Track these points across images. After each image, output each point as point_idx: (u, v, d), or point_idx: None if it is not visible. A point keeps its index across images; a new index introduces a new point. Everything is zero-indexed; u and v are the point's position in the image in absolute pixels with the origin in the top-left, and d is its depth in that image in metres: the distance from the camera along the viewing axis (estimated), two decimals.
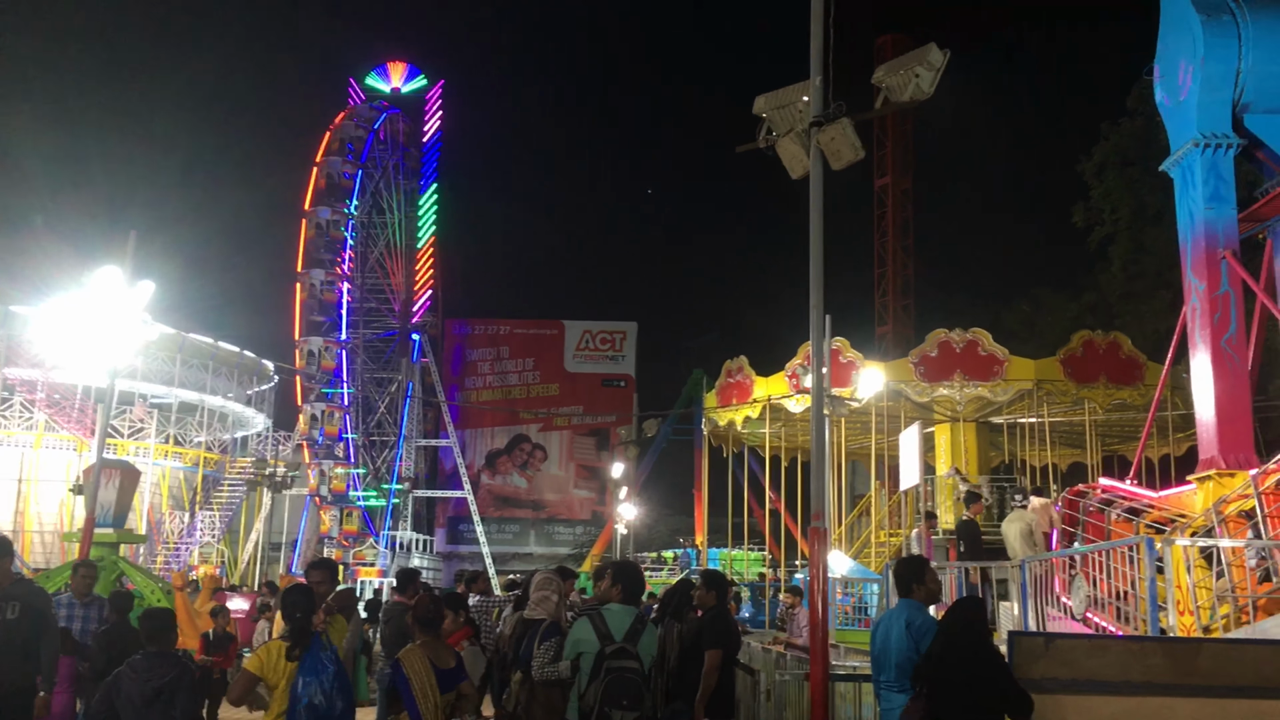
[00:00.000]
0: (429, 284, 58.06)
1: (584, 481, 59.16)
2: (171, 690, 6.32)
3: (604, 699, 6.19)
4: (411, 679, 6.21)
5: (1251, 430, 12.69)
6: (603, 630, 6.41)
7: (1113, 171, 33.21)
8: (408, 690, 6.19)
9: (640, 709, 6.23)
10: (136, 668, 6.39)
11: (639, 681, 6.26)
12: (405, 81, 60.26)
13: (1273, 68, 12.79)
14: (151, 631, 6.63)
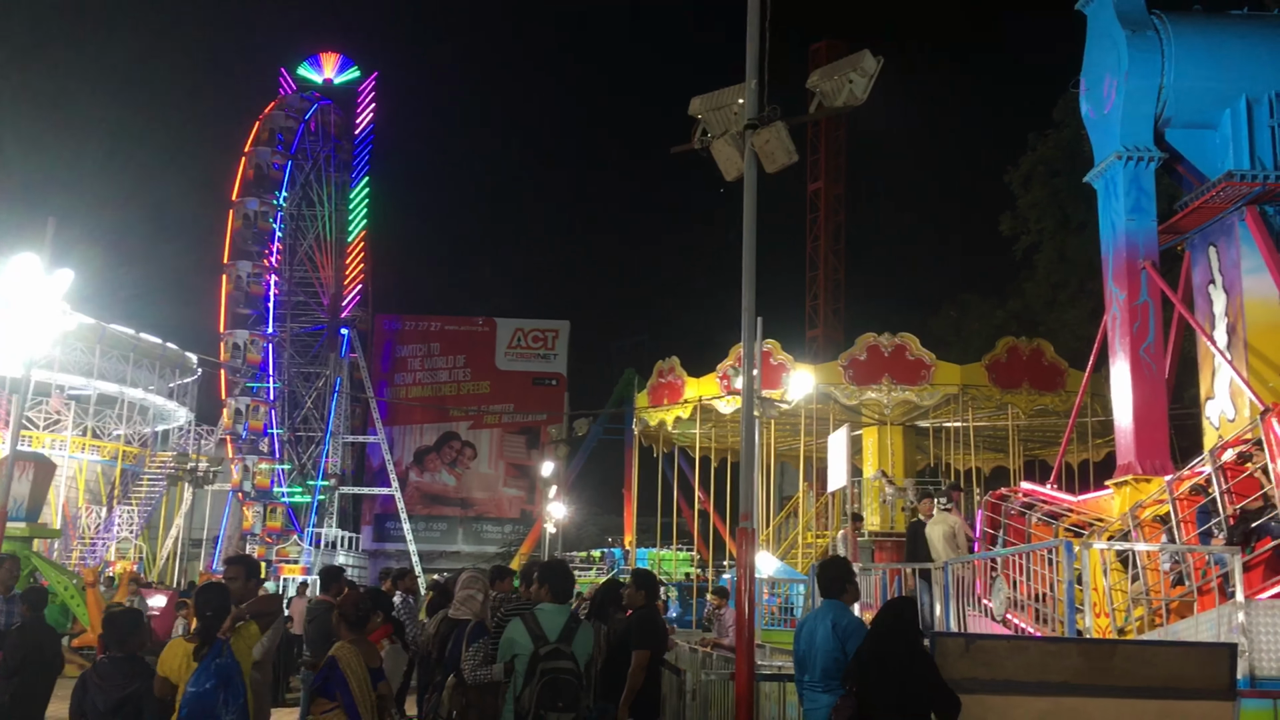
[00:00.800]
0: (359, 278, 57.38)
1: (513, 480, 58.88)
2: (138, 699, 6.12)
3: (539, 701, 6.15)
4: (349, 677, 6.09)
5: (1167, 437, 13.02)
6: (536, 631, 6.37)
7: (1039, 182, 33.89)
8: (346, 688, 6.08)
9: (576, 710, 6.20)
10: (102, 673, 6.19)
11: (574, 682, 6.23)
12: (338, 73, 59.47)
13: (1193, 84, 13.14)
14: (117, 636, 6.40)
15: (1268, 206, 12.82)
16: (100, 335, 40.09)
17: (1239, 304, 12.77)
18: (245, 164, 53.17)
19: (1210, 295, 13.42)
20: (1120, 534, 11.41)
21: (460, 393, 58.76)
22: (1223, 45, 13.30)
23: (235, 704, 5.91)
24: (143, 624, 6.61)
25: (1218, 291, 13.28)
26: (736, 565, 8.67)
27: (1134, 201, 13.18)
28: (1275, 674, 8.26)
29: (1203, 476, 10.16)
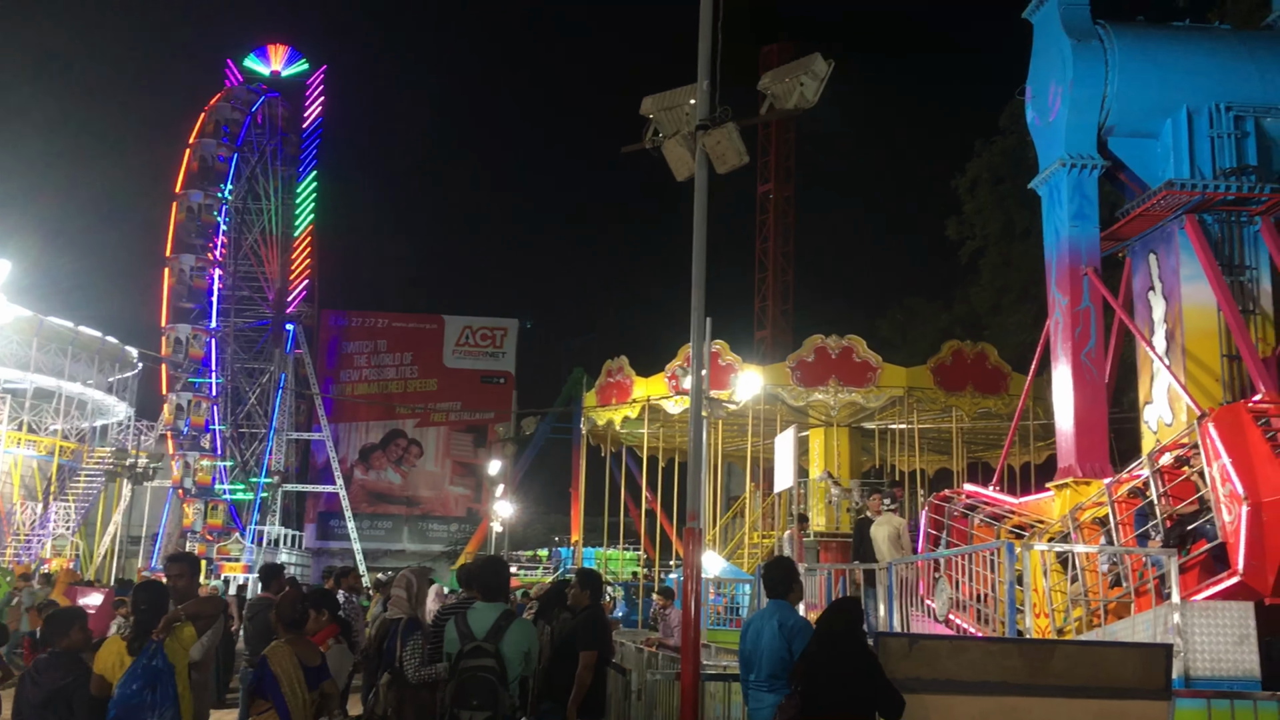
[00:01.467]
0: (305, 273, 56.74)
1: (460, 478, 58.54)
2: (68, 695, 6.02)
3: (453, 699, 6.16)
4: (280, 677, 6.03)
5: (1107, 440, 13.24)
6: (464, 630, 6.38)
7: (985, 188, 34.30)
8: (276, 688, 6.01)
9: (494, 708, 6.13)
10: (39, 668, 6.10)
11: (492, 680, 6.17)
12: (286, 65, 58.75)
13: (1136, 93, 13.38)
14: (51, 632, 6.31)
15: (1206, 215, 13.08)
16: (38, 327, 39.27)
17: (1178, 310, 13.02)
18: (190, 156, 52.37)
19: (1150, 301, 13.67)
20: (1060, 536, 11.59)
21: (407, 390, 58.31)
22: (1165, 56, 13.56)
23: (165, 706, 5.81)
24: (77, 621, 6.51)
25: (1157, 298, 13.53)
26: (683, 565, 8.69)
27: (1077, 208, 13.39)
28: (1209, 674, 8.43)
29: (1141, 480, 10.35)
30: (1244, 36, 14.47)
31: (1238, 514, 8.57)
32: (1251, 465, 8.66)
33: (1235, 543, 8.63)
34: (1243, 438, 8.85)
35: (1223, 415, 9.25)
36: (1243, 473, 8.64)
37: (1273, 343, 13.06)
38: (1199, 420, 9.41)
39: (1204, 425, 9.22)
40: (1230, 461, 8.75)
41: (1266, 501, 8.43)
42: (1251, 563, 8.52)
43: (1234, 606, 8.59)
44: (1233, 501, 8.65)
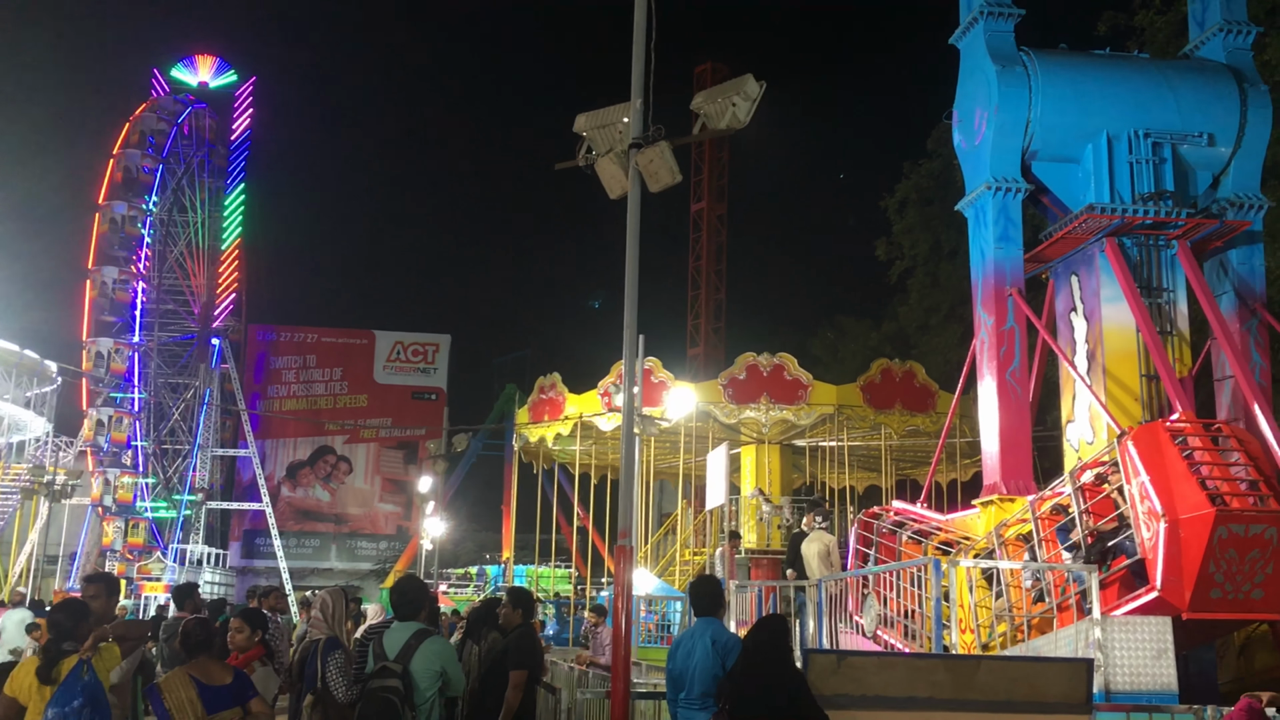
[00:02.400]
0: (233, 287, 55.78)
1: (390, 495, 57.84)
2: None
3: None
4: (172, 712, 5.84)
5: (1031, 458, 13.49)
6: (378, 651, 6.41)
7: (913, 209, 34.88)
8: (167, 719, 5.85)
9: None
10: None
11: (394, 700, 6.17)
12: (214, 75, 57.85)
13: (1058, 119, 13.71)
14: None
15: (1126, 239, 13.41)
16: None
17: (1099, 331, 13.33)
18: (113, 166, 51.28)
19: (1072, 322, 13.97)
20: (986, 552, 11.77)
21: (336, 406, 57.53)
22: (1086, 84, 13.91)
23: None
24: None
25: (1079, 319, 13.83)
26: (614, 583, 8.66)
27: (1002, 230, 13.65)
28: (1129, 688, 8.61)
29: (1063, 497, 10.55)
30: (1161, 65, 14.89)
31: (1156, 531, 8.77)
32: (1169, 483, 8.87)
33: (1153, 559, 8.83)
34: (1160, 456, 9.07)
35: (1141, 434, 9.46)
36: (1160, 490, 8.84)
37: (1189, 363, 13.42)
38: (1118, 439, 9.63)
39: (1123, 444, 9.43)
40: (1148, 479, 8.96)
41: (1183, 519, 8.63)
42: (1169, 578, 8.72)
43: (1152, 622, 8.78)
44: (1151, 518, 8.85)
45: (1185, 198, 13.68)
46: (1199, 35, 14.85)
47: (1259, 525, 8.62)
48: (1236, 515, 8.58)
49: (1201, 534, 8.54)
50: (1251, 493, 8.79)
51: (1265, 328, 13.86)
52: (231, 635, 7.70)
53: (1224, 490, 8.73)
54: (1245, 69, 14.24)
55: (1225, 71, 14.14)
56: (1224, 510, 8.54)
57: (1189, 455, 9.06)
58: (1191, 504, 8.65)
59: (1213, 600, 8.77)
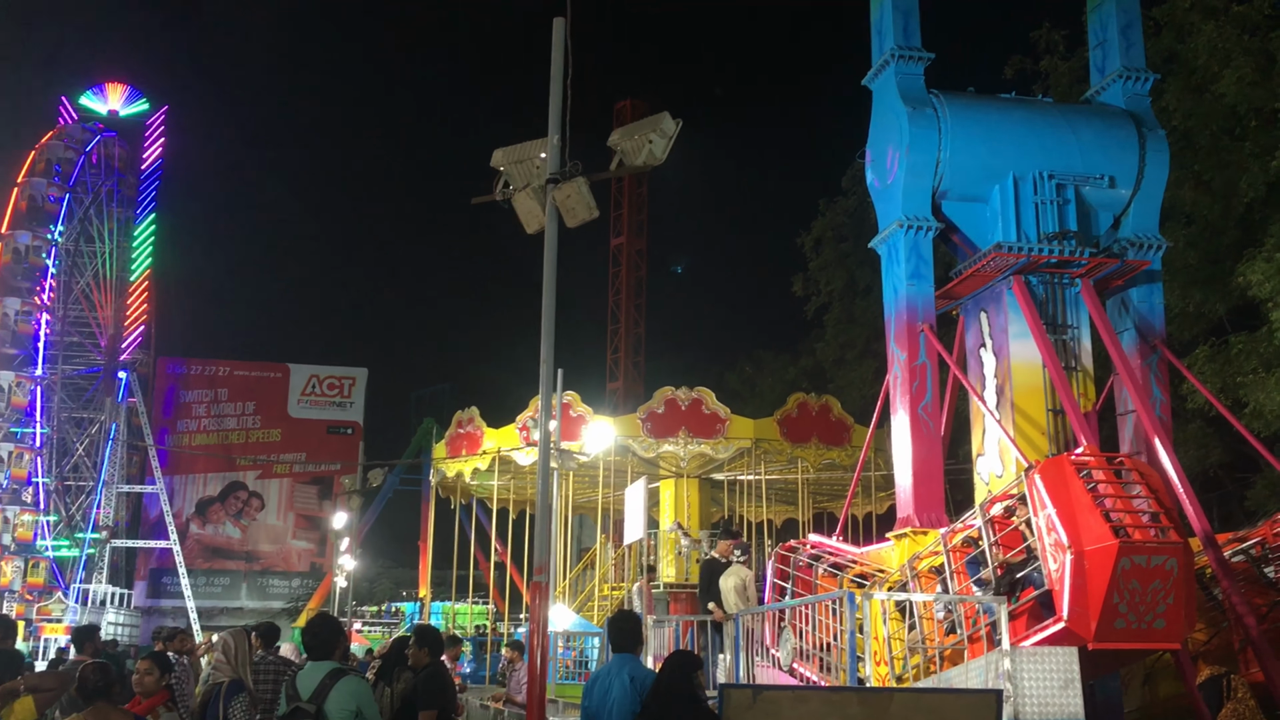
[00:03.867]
0: (141, 319, 54.45)
1: (303, 532, 56.73)
2: None
3: None
4: None
5: (943, 491, 13.70)
6: (291, 692, 6.31)
7: (829, 246, 35.45)
8: None
9: None
10: None
11: None
12: (125, 104, 56.72)
13: (967, 159, 14.05)
14: None
15: (1032, 277, 13.76)
16: None
17: (1007, 367, 13.62)
18: (17, 195, 49.97)
19: (982, 358, 14.27)
20: (899, 584, 11.91)
21: (249, 441, 56.38)
22: (993, 126, 14.29)
23: None
24: None
25: (988, 354, 14.13)
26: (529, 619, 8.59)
27: (914, 268, 13.92)
28: (1038, 718, 8.75)
29: (974, 529, 10.72)
30: (1065, 109, 15.38)
31: (1062, 562, 8.95)
32: (1074, 515, 9.06)
33: (1060, 590, 9.00)
34: (1066, 489, 9.26)
35: (1047, 467, 9.66)
36: (1066, 522, 9.03)
37: (1093, 398, 13.78)
38: (1025, 472, 9.82)
39: (1030, 477, 9.63)
40: (1054, 512, 9.14)
41: (1088, 550, 8.82)
42: (1075, 609, 8.89)
43: (1059, 652, 8.94)
44: (1057, 550, 9.03)
45: (1088, 237, 14.10)
46: (1100, 81, 15.37)
47: (1160, 556, 8.85)
48: (1139, 547, 8.79)
49: (1106, 565, 8.73)
50: (1153, 524, 9.02)
51: (1165, 363, 14.32)
52: (139, 678, 7.46)
53: (1127, 522, 8.94)
54: (1144, 114, 14.77)
55: (1125, 116, 14.64)
56: (1127, 542, 8.75)
57: (1093, 488, 9.27)
58: (1096, 536, 8.84)
59: (1117, 630, 8.96)
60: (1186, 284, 21.41)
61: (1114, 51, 15.14)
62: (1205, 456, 22.95)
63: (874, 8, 15.04)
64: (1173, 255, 17.11)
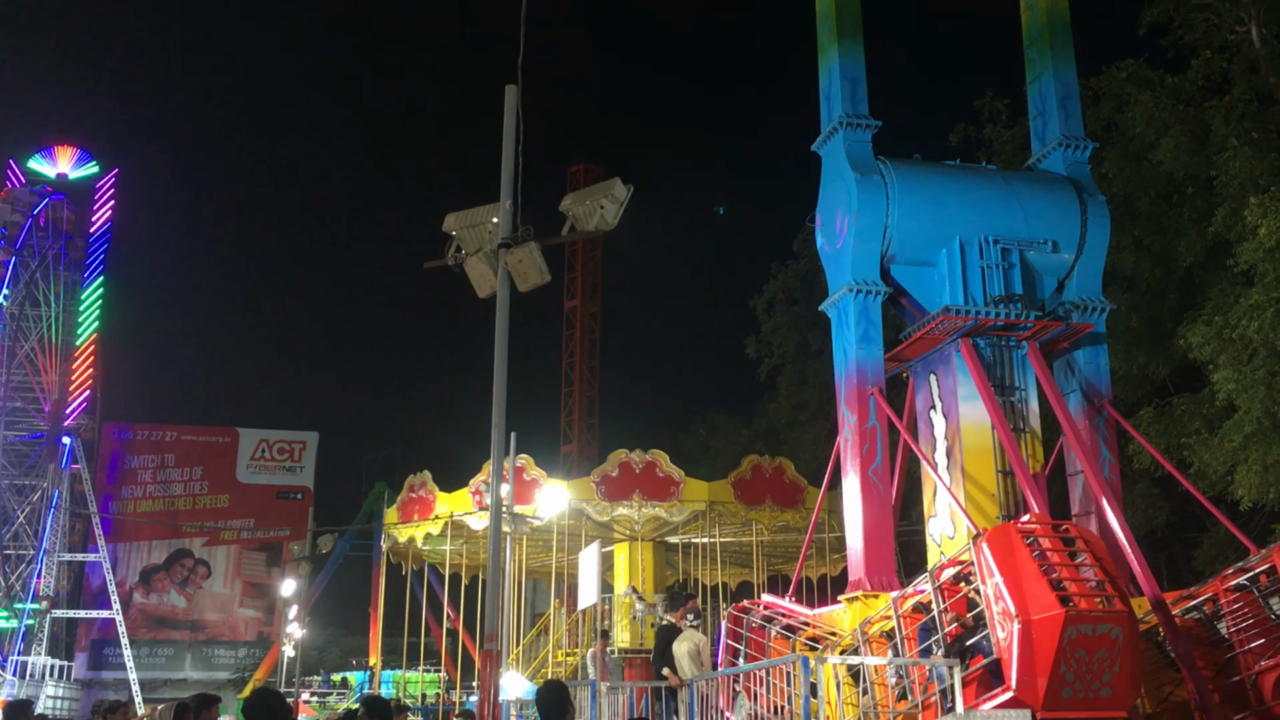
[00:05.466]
0: (87, 384, 53.49)
1: (251, 600, 55.55)
2: None
3: None
4: None
5: (894, 554, 13.75)
6: None
7: (781, 309, 35.81)
8: None
9: None
10: None
11: None
12: (75, 167, 56.25)
13: (914, 225, 14.31)
14: None
15: (980, 339, 13.98)
16: None
17: (956, 428, 13.77)
18: None
19: (932, 419, 14.41)
20: (852, 649, 11.89)
21: (196, 507, 55.34)
22: (939, 192, 14.59)
23: None
24: None
25: (938, 416, 14.28)
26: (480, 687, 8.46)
27: (863, 332, 14.09)
28: None
29: (924, 595, 10.75)
30: (1008, 176, 15.76)
31: (1010, 631, 9.00)
32: (1021, 584, 9.13)
33: (1008, 659, 9.04)
34: (1013, 557, 9.34)
35: (995, 536, 9.74)
36: (1014, 591, 9.09)
37: (1041, 459, 13.96)
38: (973, 540, 9.89)
39: (978, 545, 9.70)
40: (1002, 580, 9.21)
41: (1035, 619, 8.88)
42: (1023, 678, 8.93)
43: (1013, 715, 8.96)
44: (1005, 619, 9.08)
45: (1033, 301, 14.37)
46: (1040, 149, 15.79)
47: (1105, 625, 8.95)
48: (1085, 616, 8.88)
49: (1053, 634, 8.80)
50: (1099, 593, 9.12)
51: (1113, 424, 14.56)
52: None
53: (1073, 591, 9.03)
54: (1084, 180, 15.17)
55: (1066, 183, 15.02)
56: (1073, 611, 8.83)
57: (1040, 556, 9.35)
58: (1043, 605, 8.91)
59: (1064, 699, 9.00)
60: (1130, 346, 21.83)
61: (1053, 121, 15.57)
62: (1153, 517, 23.24)
63: (823, 75, 15.39)
64: (1116, 318, 17.46)
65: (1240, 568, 10.94)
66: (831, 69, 15.10)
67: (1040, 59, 15.83)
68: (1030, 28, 16.11)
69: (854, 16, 15.20)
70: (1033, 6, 16.05)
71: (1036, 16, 15.97)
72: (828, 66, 15.22)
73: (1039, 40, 15.88)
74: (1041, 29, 15.82)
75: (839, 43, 15.00)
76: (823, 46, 15.41)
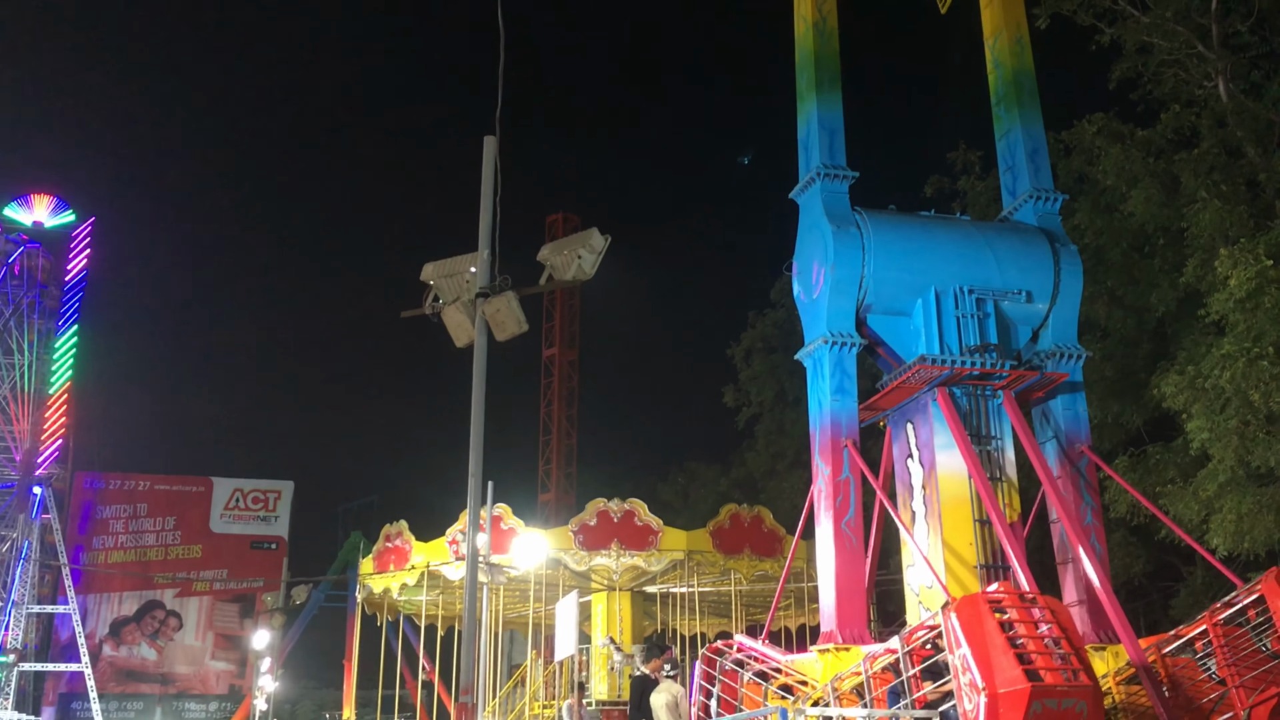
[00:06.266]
0: (60, 433, 52.94)
1: (223, 652, 54.73)
2: None
3: None
4: None
5: (866, 607, 13.72)
6: None
7: (759, 357, 35.94)
8: None
9: None
10: None
11: None
12: (51, 215, 56.06)
13: (890, 275, 14.45)
14: None
15: (956, 389, 14.07)
16: None
17: (934, 477, 13.81)
18: None
19: (909, 468, 14.45)
20: (823, 701, 11.83)
21: (168, 557, 54.66)
22: (915, 243, 14.76)
23: None
24: None
25: (915, 465, 14.32)
26: None
27: (838, 383, 14.15)
28: None
29: (895, 657, 10.73)
30: (982, 227, 15.96)
31: (977, 704, 8.99)
32: (988, 656, 9.13)
33: None
34: (981, 628, 9.35)
35: (963, 606, 9.75)
36: (981, 663, 9.09)
37: (1018, 508, 14.01)
38: (942, 609, 9.91)
39: (946, 614, 9.72)
40: (970, 651, 9.20)
41: (1001, 693, 8.88)
42: None
43: None
44: (972, 690, 9.08)
45: (1008, 350, 14.50)
46: (1012, 203, 16.03)
47: (1070, 699, 8.97)
48: (1050, 690, 8.90)
49: (1018, 708, 8.80)
50: (1065, 666, 9.13)
51: (1094, 469, 14.64)
52: None
53: (1039, 665, 9.04)
54: (1056, 231, 15.38)
55: (1039, 233, 15.22)
56: (1039, 686, 8.85)
57: (1007, 627, 9.38)
58: (1009, 678, 8.92)
59: None
60: (1104, 396, 21.99)
61: (1023, 175, 15.81)
62: (1130, 566, 23.29)
63: (801, 124, 15.59)
64: (1090, 368, 17.62)
65: (1228, 601, 10.96)
66: (810, 118, 15.31)
67: (1008, 116, 16.12)
68: (998, 87, 16.42)
69: (832, 67, 15.44)
70: (999, 66, 16.36)
71: (1003, 75, 16.28)
72: (806, 115, 15.43)
73: (1006, 98, 16.18)
74: (1009, 87, 16.12)
75: (817, 92, 15.22)
76: (801, 95, 15.62)
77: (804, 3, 15.75)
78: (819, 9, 15.60)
